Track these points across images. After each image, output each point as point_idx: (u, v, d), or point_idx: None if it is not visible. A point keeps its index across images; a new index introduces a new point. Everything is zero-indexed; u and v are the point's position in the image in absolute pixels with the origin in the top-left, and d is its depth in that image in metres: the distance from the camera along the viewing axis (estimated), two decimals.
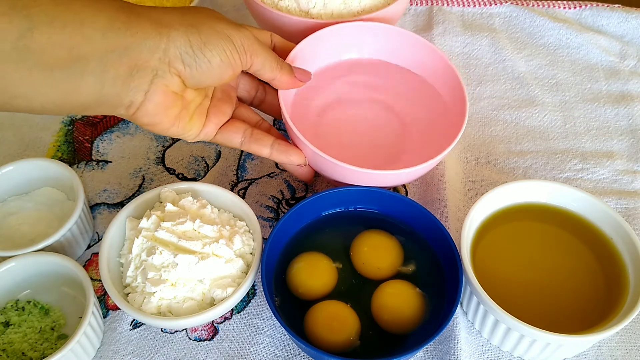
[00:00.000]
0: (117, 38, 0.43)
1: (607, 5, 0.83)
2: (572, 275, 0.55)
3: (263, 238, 0.55)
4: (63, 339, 0.53)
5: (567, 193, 0.57)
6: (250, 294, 0.58)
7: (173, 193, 0.57)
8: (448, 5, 0.84)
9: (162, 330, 0.56)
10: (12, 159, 0.62)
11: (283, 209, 0.64)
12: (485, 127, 0.72)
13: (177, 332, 0.56)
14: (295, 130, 0.54)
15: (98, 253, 0.56)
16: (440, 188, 0.64)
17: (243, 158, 0.68)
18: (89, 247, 0.61)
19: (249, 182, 0.66)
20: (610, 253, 0.55)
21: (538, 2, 0.85)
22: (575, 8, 0.83)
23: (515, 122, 0.73)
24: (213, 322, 0.56)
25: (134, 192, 0.65)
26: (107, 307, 0.57)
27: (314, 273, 0.55)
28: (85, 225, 0.59)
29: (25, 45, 0.39)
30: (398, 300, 0.53)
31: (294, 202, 0.65)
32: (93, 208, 0.64)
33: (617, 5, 0.83)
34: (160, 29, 0.45)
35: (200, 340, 0.55)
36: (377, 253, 0.56)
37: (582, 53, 0.80)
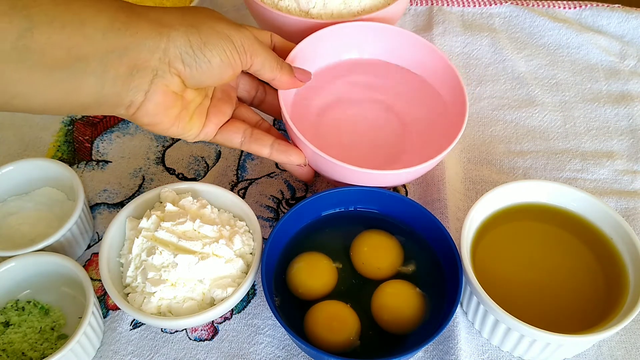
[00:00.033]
0: (117, 38, 0.43)
1: (607, 5, 0.83)
2: (572, 275, 0.55)
3: (263, 238, 0.55)
4: (63, 339, 0.53)
5: (567, 193, 0.57)
6: (250, 294, 0.58)
7: (173, 193, 0.57)
8: (448, 5, 0.84)
9: (162, 330, 0.56)
10: (12, 159, 0.62)
11: (283, 209, 0.64)
12: (485, 127, 0.72)
13: (177, 332, 0.56)
14: (295, 130, 0.54)
15: (98, 253, 0.56)
16: (440, 188, 0.64)
17: (243, 158, 0.68)
18: (89, 247, 0.61)
19: (249, 182, 0.66)
20: (610, 253, 0.55)
21: (538, 2, 0.85)
22: (575, 8, 0.83)
23: (515, 122, 0.73)
24: (213, 322, 0.56)
25: (134, 192, 0.65)
26: (107, 307, 0.57)
27: (314, 273, 0.55)
28: (85, 225, 0.59)
29: (25, 45, 0.39)
30: (398, 300, 0.53)
31: (294, 202, 0.65)
32: (93, 208, 0.64)
33: (617, 5, 0.83)
34: (160, 29, 0.45)
35: (200, 340, 0.55)
36: (377, 253, 0.56)
37: (582, 53, 0.80)
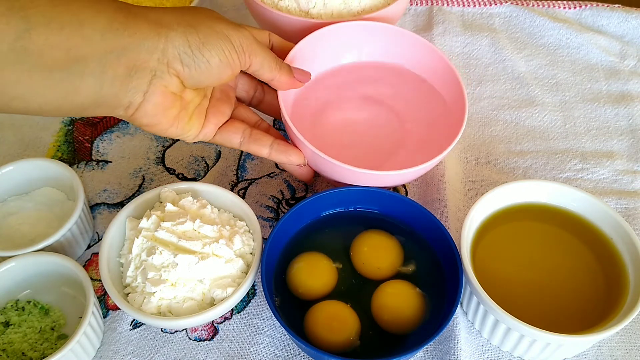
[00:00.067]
0: (115, 39, 0.43)
1: (607, 5, 0.83)
2: (572, 275, 0.55)
3: (263, 238, 0.55)
4: (63, 339, 0.53)
5: (567, 193, 0.57)
6: (250, 294, 0.58)
7: (173, 193, 0.57)
8: (448, 5, 0.84)
9: (162, 330, 0.56)
10: (12, 159, 0.62)
11: (283, 209, 0.64)
12: (485, 127, 0.72)
13: (177, 332, 0.56)
14: (295, 131, 0.54)
15: (98, 253, 0.56)
16: (440, 188, 0.64)
17: (243, 158, 0.68)
18: (89, 247, 0.61)
19: (249, 182, 0.66)
20: (610, 253, 0.55)
21: (538, 2, 0.85)
22: (575, 8, 0.83)
23: (515, 122, 0.73)
24: (213, 322, 0.56)
25: (134, 192, 0.65)
26: (107, 307, 0.57)
27: (314, 273, 0.55)
28: (85, 225, 0.59)
29: (23, 47, 0.39)
30: (398, 300, 0.53)
31: (294, 202, 0.65)
32: (93, 208, 0.64)
33: (617, 5, 0.83)
34: (159, 30, 0.45)
35: (200, 340, 0.55)
36: (377, 253, 0.56)
37: (582, 53, 0.80)
